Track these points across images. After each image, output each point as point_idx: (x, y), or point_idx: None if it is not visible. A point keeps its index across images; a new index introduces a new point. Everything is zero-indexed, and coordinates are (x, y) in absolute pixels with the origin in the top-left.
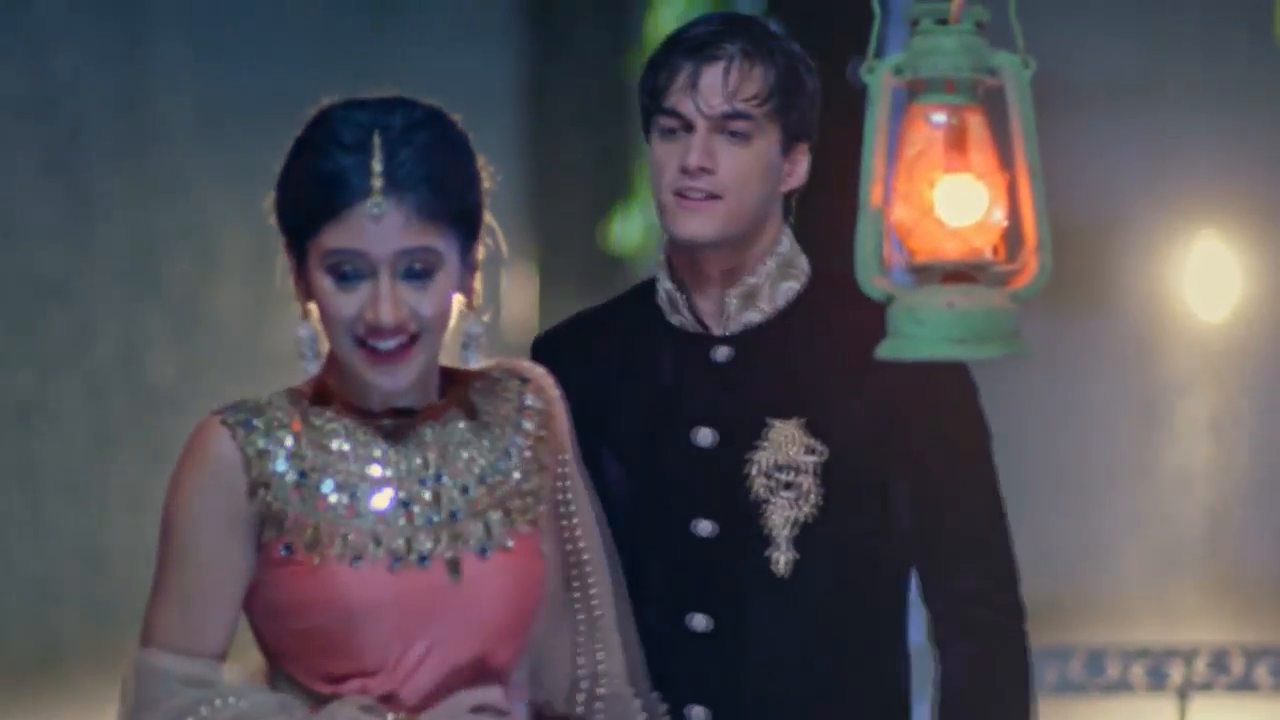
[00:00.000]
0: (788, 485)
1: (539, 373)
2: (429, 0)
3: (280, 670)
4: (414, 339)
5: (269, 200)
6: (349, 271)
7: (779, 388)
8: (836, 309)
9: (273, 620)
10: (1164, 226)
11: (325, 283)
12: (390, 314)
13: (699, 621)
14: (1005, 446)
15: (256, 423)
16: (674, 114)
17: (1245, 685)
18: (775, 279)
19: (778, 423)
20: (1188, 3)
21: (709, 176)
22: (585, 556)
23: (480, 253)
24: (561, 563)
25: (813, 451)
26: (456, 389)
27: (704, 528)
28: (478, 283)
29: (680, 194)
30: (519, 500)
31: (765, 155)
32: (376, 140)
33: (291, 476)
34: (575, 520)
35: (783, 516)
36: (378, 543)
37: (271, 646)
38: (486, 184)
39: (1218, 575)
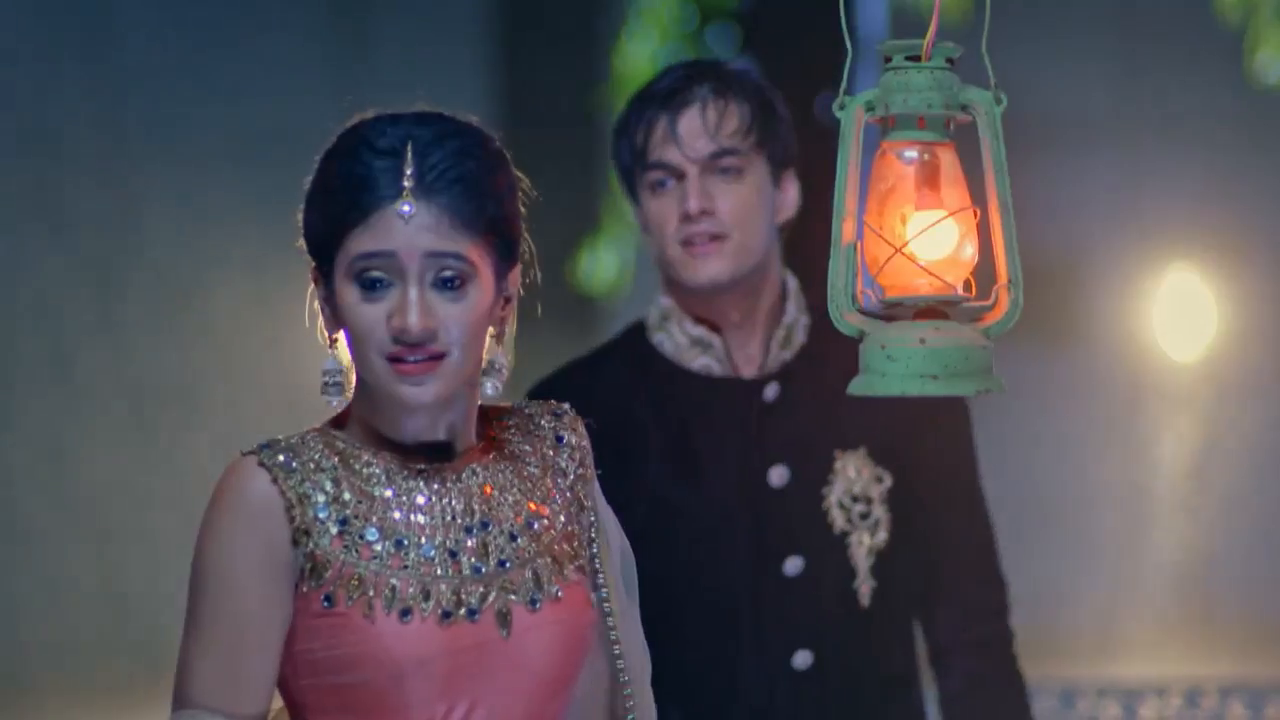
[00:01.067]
0: (864, 515)
1: (569, 408)
2: (396, 37)
3: None
4: (442, 356)
5: (297, 217)
6: (377, 278)
7: (836, 421)
8: (843, 339)
9: (308, 674)
10: (1136, 261)
11: (352, 294)
12: (418, 320)
13: (801, 659)
14: None
15: (295, 465)
16: (661, 166)
17: None
18: (798, 315)
19: (845, 454)
20: (1159, 36)
21: (710, 218)
22: (605, 597)
23: (518, 284)
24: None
25: (880, 480)
26: (491, 429)
27: (793, 565)
28: (512, 319)
29: (687, 242)
30: (566, 545)
31: (759, 187)
32: (409, 147)
33: (333, 524)
34: (599, 555)
35: (864, 547)
36: (426, 595)
37: (302, 700)
38: (523, 207)
39: (1190, 609)
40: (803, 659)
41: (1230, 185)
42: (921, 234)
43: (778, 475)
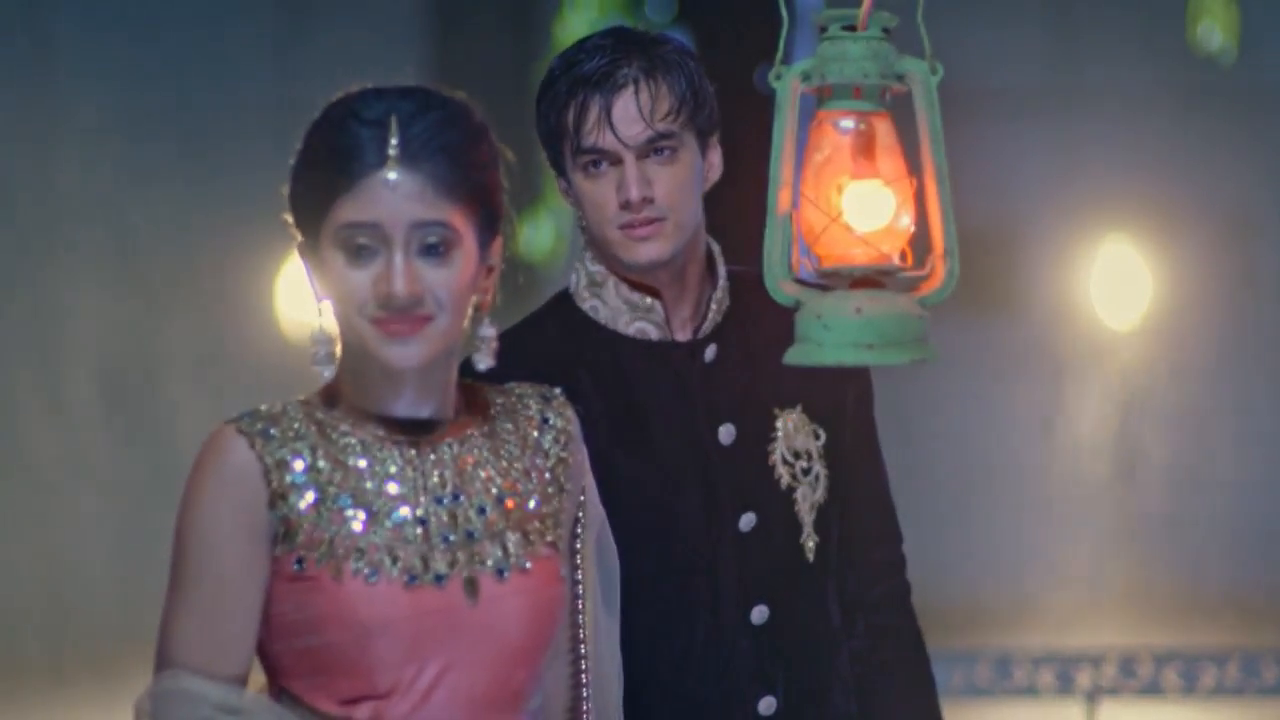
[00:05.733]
0: (805, 471)
1: (559, 393)
2: (333, 6)
3: (285, 689)
4: (428, 319)
5: (283, 190)
6: (363, 245)
7: (773, 380)
8: (762, 300)
9: (281, 637)
10: (1071, 232)
11: (338, 261)
12: (404, 285)
13: (758, 613)
14: (912, 451)
15: (274, 432)
16: (596, 150)
17: (1153, 689)
18: (725, 279)
19: (784, 412)
20: (1094, 6)
21: (650, 204)
22: (580, 589)
23: (499, 253)
24: (570, 589)
25: (817, 436)
26: (477, 406)
27: (747, 521)
28: (494, 286)
29: (626, 226)
30: (537, 523)
31: (692, 164)
32: (394, 118)
33: (309, 490)
34: (581, 550)
35: (808, 502)
36: (394, 559)
37: (277, 664)
38: (506, 183)
39: (1125, 579)
40: (760, 614)
41: (1165, 153)
42: (857, 203)
43: (726, 434)
